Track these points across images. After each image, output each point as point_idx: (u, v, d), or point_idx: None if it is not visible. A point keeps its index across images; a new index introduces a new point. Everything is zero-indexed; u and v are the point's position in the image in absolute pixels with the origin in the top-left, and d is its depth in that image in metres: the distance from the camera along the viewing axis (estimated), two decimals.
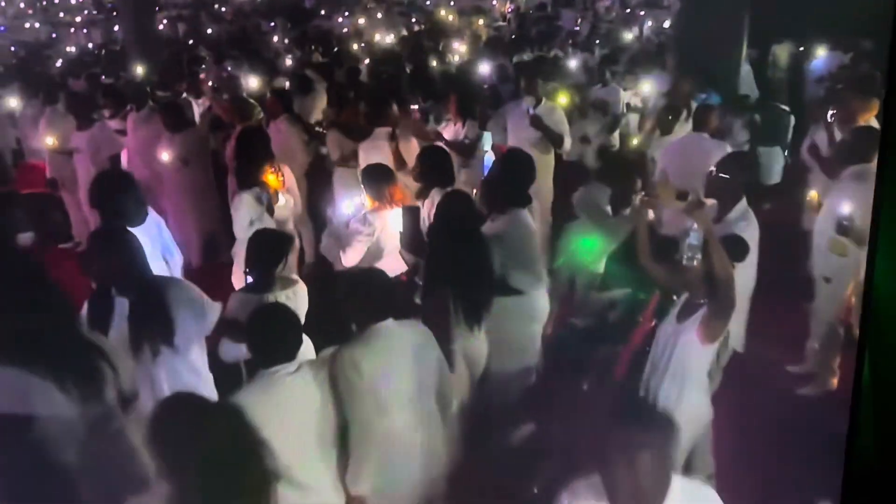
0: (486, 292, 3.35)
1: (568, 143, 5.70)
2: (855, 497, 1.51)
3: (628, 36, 11.99)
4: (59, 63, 12.83)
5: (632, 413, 2.22)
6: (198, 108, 8.16)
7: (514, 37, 12.77)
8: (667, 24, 12.31)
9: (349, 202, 4.07)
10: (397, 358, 2.65)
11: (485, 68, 8.45)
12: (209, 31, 16.77)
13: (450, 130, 5.69)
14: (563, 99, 6.02)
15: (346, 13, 16.15)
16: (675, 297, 3.04)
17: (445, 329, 3.07)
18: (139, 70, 9.76)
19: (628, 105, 7.18)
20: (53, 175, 7.10)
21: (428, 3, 17.91)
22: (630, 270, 3.49)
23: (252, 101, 7.07)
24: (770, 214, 4.89)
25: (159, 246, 3.74)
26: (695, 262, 2.72)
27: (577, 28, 13.93)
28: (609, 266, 3.91)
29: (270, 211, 4.28)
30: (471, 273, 3.25)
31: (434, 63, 9.82)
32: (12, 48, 16.99)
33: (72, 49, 15.85)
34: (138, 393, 2.51)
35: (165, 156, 6.09)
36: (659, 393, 2.85)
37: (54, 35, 18.65)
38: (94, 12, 21.08)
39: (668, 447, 1.99)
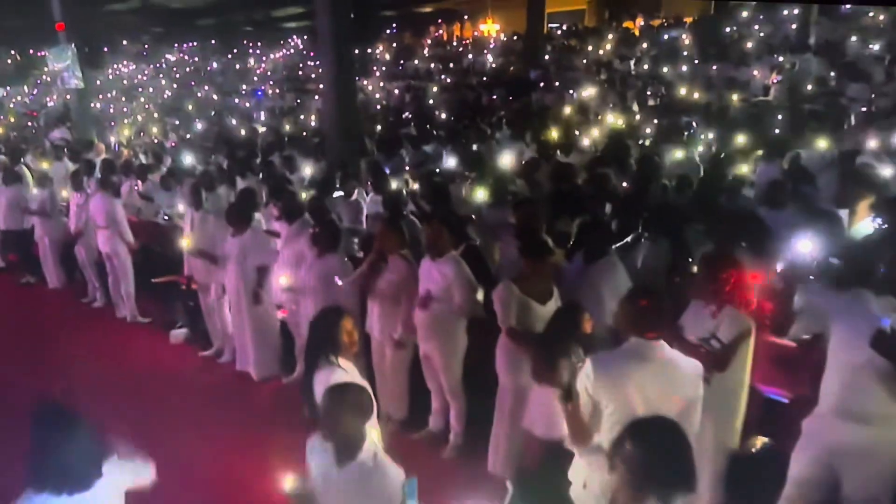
0: None
1: None
2: None
3: None
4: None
5: None
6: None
7: (779, 117, 9.86)
8: None
9: None
10: None
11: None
12: (430, 101, 15.81)
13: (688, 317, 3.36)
14: None
15: (571, 91, 13.78)
16: None
17: None
18: (307, 170, 8.12)
19: None
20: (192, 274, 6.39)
21: (667, 71, 14.67)
22: None
23: (416, 223, 5.57)
24: None
25: None
26: None
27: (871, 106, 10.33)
28: None
29: None
30: None
31: (678, 154, 7.26)
32: (255, 114, 17.78)
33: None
34: None
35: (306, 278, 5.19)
36: None
37: (298, 101, 19.27)
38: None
39: None
